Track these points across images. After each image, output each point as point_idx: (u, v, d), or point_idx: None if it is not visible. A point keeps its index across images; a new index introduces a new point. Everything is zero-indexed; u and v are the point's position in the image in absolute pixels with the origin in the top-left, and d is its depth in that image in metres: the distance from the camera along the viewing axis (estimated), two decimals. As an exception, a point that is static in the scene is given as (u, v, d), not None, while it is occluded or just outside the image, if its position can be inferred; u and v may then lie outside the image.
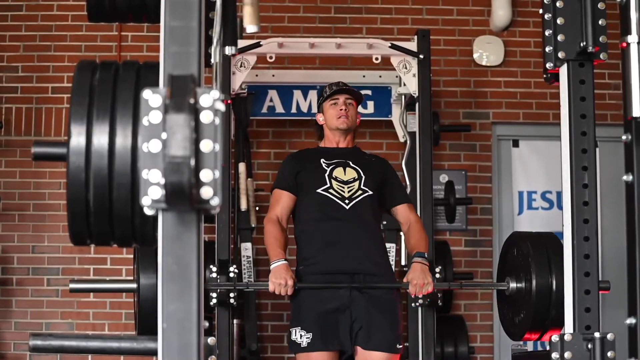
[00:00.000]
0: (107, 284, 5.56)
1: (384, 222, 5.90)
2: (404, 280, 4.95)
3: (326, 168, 5.06)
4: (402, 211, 5.15)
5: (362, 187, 5.01)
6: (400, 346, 4.92)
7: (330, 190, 4.99)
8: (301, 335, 4.84)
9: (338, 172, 5.05)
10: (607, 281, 3.97)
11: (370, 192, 5.02)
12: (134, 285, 4.66)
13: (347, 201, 4.97)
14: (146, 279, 4.61)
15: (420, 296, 5.37)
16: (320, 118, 5.26)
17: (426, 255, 4.98)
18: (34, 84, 7.11)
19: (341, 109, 5.13)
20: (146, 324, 4.62)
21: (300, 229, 5.08)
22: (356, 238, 4.95)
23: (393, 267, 6.30)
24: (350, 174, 5.06)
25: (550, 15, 3.65)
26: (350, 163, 5.10)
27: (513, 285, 4.96)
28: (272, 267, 4.89)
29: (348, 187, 5.01)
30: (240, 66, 6.06)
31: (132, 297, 6.90)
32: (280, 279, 4.80)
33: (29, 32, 7.13)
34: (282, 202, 5.07)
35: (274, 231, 4.99)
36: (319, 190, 5.00)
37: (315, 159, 5.13)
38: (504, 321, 5.12)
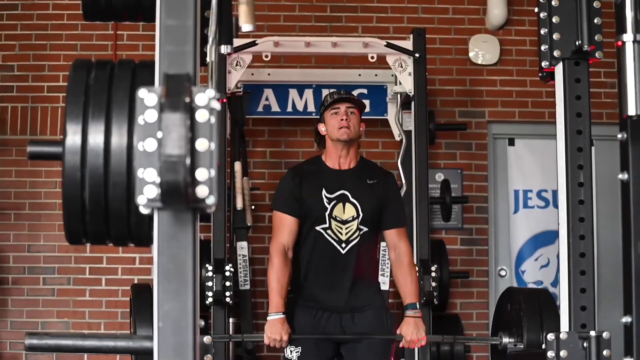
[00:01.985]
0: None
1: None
2: (397, 332, 4.99)
3: (327, 205, 4.92)
4: (391, 236, 5.04)
5: (359, 226, 4.93)
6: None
7: (329, 231, 4.92)
8: (291, 351, 4.94)
9: (338, 211, 4.92)
10: None
11: (367, 229, 4.96)
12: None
13: (343, 245, 4.93)
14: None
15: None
16: (322, 128, 5.06)
17: (418, 306, 4.97)
18: (30, 83, 7.11)
19: (342, 119, 4.93)
20: None
21: (296, 258, 4.99)
22: (348, 282, 4.97)
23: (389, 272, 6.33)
24: (350, 211, 4.93)
25: (545, 13, 3.65)
26: (350, 196, 4.95)
27: (506, 340, 5.03)
28: (269, 318, 4.89)
29: (346, 228, 4.93)
30: (236, 65, 6.07)
31: (127, 296, 6.91)
32: (275, 334, 4.83)
33: (25, 31, 7.13)
34: (288, 228, 4.92)
35: (279, 270, 4.86)
36: (318, 228, 4.93)
37: (317, 186, 4.96)
38: None
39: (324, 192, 4.95)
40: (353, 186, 4.97)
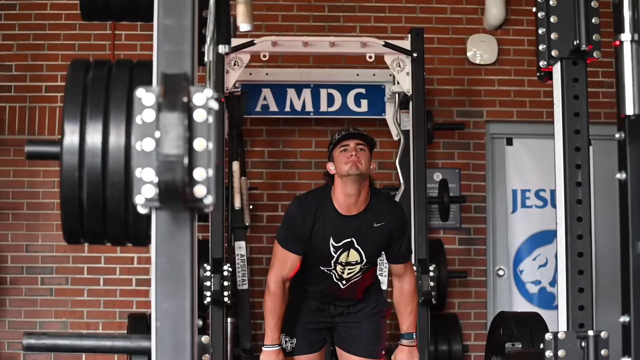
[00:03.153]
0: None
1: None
2: (392, 358, 5.04)
3: (334, 255, 4.83)
4: (397, 268, 5.00)
5: (362, 267, 4.91)
6: (383, 353, 5.10)
7: (333, 271, 4.90)
8: (286, 342, 4.98)
9: (343, 257, 4.84)
10: None
11: (368, 266, 4.95)
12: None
13: (344, 282, 4.94)
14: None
15: None
16: (331, 167, 4.83)
17: (414, 336, 5.00)
18: (28, 82, 7.11)
19: (351, 155, 4.70)
20: None
21: (295, 279, 4.98)
22: (347, 303, 5.05)
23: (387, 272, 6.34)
24: (353, 256, 4.85)
25: (543, 13, 3.65)
26: (355, 243, 4.83)
27: None
28: (264, 349, 4.90)
29: (348, 270, 4.89)
30: (234, 65, 6.06)
31: (125, 296, 6.91)
32: None
33: (23, 31, 7.13)
34: (291, 264, 4.84)
35: (277, 301, 4.82)
36: (323, 268, 4.90)
37: (325, 234, 4.81)
38: None
39: (331, 241, 4.82)
40: (360, 233, 4.82)
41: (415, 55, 6.10)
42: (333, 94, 6.79)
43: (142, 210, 1.95)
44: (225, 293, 5.56)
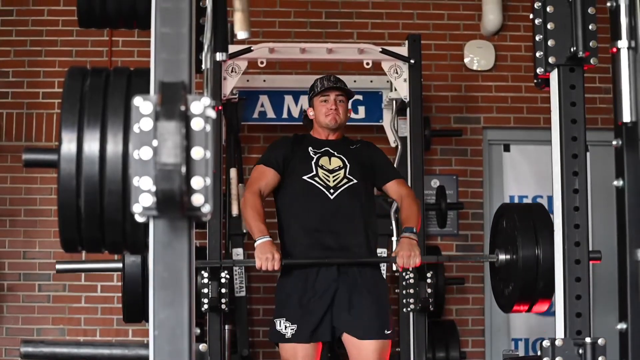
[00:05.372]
0: (93, 264, 5.49)
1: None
2: (392, 254, 5.03)
3: (313, 156, 5.12)
4: (392, 187, 5.22)
5: (347, 175, 5.08)
6: (390, 331, 4.98)
7: (316, 179, 5.05)
8: (285, 327, 4.93)
9: (324, 161, 5.10)
10: (598, 251, 3.91)
11: (355, 181, 5.07)
12: (120, 265, 4.69)
13: (331, 190, 5.03)
14: (130, 257, 4.65)
15: (409, 269, 5.39)
16: (310, 113, 5.30)
17: (415, 230, 5.02)
18: (25, 89, 7.10)
19: (331, 108, 5.15)
20: (132, 304, 4.61)
21: (284, 217, 5.12)
22: (338, 230, 5.01)
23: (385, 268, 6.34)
24: (335, 162, 5.11)
25: (540, 20, 3.65)
26: (335, 153, 5.15)
27: (502, 257, 5.00)
28: (256, 244, 4.93)
29: (333, 176, 5.06)
30: (232, 71, 6.06)
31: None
32: (266, 253, 4.86)
33: (20, 37, 7.13)
34: (267, 178, 5.10)
35: (255, 204, 4.98)
36: (305, 177, 5.06)
37: (304, 146, 5.18)
38: (495, 293, 5.17)
39: (310, 148, 5.16)
40: (338, 147, 5.18)
41: (412, 61, 6.09)
42: (330, 101, 6.79)
43: (139, 218, 1.95)
44: (223, 300, 5.55)
